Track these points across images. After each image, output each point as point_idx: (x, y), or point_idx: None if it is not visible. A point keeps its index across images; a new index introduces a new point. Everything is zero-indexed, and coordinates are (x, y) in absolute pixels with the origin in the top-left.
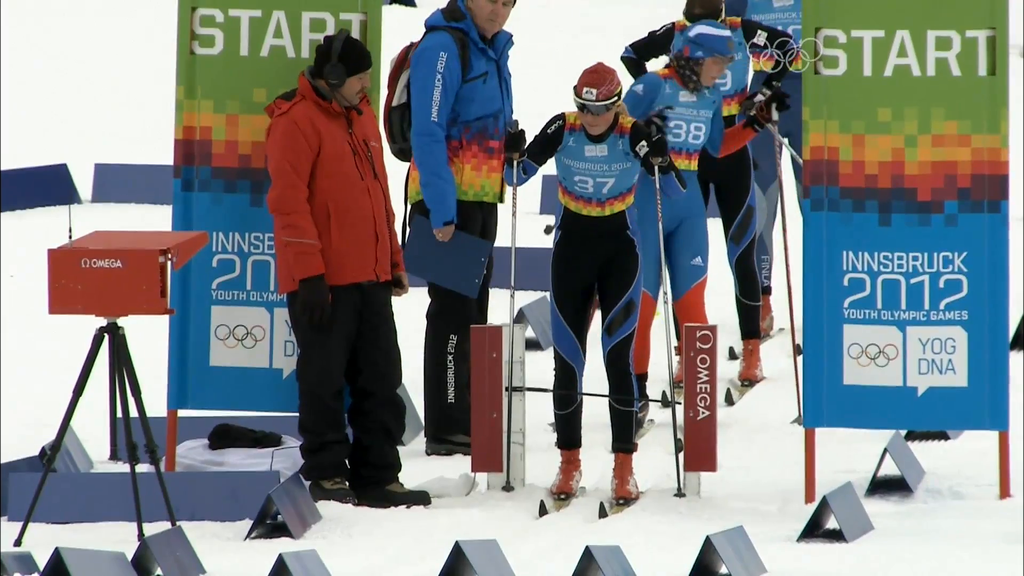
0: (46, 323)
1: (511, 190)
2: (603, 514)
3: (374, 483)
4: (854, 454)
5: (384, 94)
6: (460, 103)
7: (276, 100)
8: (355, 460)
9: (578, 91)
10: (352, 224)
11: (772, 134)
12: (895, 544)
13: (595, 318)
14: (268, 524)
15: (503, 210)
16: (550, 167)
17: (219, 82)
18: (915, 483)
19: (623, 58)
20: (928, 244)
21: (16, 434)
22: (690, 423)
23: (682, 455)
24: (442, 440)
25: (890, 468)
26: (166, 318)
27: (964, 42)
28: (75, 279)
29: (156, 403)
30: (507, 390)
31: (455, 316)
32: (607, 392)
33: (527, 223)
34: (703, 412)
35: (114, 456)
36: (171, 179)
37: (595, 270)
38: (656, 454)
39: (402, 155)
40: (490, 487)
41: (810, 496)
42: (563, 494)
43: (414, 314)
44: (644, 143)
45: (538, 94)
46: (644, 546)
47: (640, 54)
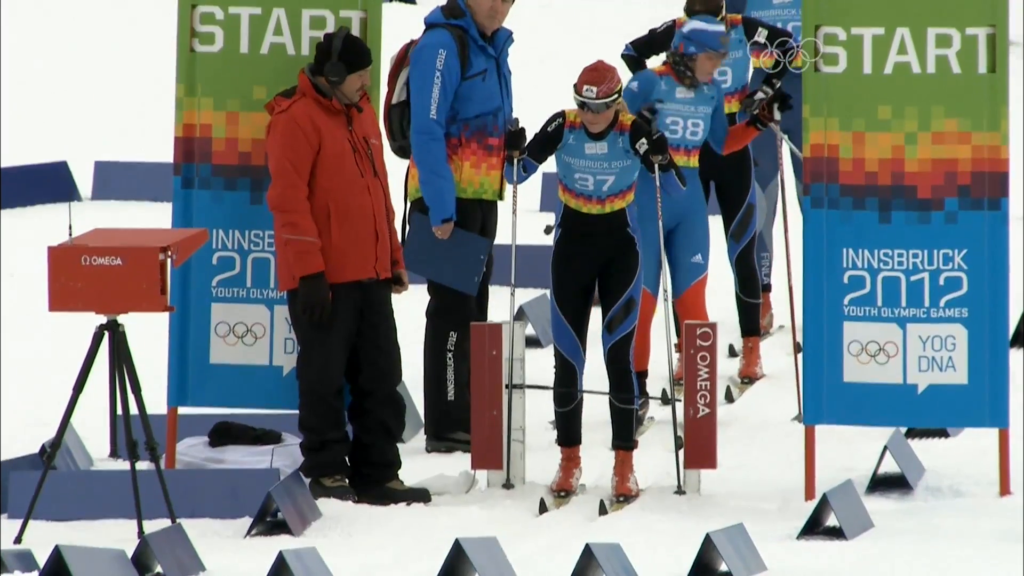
0: (46, 321)
1: (511, 188)
2: (603, 511)
3: (374, 481)
4: (854, 452)
5: (384, 91)
6: (459, 101)
7: (276, 97)
8: (355, 458)
9: (578, 89)
10: (352, 222)
11: (773, 132)
12: (895, 542)
13: (595, 316)
14: (268, 522)
15: (503, 208)
16: (550, 165)
17: (219, 79)
18: (915, 481)
19: (624, 56)
20: (928, 241)
21: (16, 432)
22: (690, 421)
23: (682, 453)
24: (442, 438)
25: (890, 466)
26: (166, 315)
27: (964, 39)
28: (75, 277)
29: (156, 400)
30: (507, 388)
31: (455, 314)
32: (607, 390)
33: (527, 220)
34: (703, 410)
35: (114, 454)
36: (171, 177)
37: (595, 268)
38: (656, 452)
39: (402, 153)
40: (490, 485)
41: (810, 494)
42: (563, 492)
43: (414, 312)
44: (644, 140)
45: (542, 93)
46: (644, 544)
47: (641, 52)
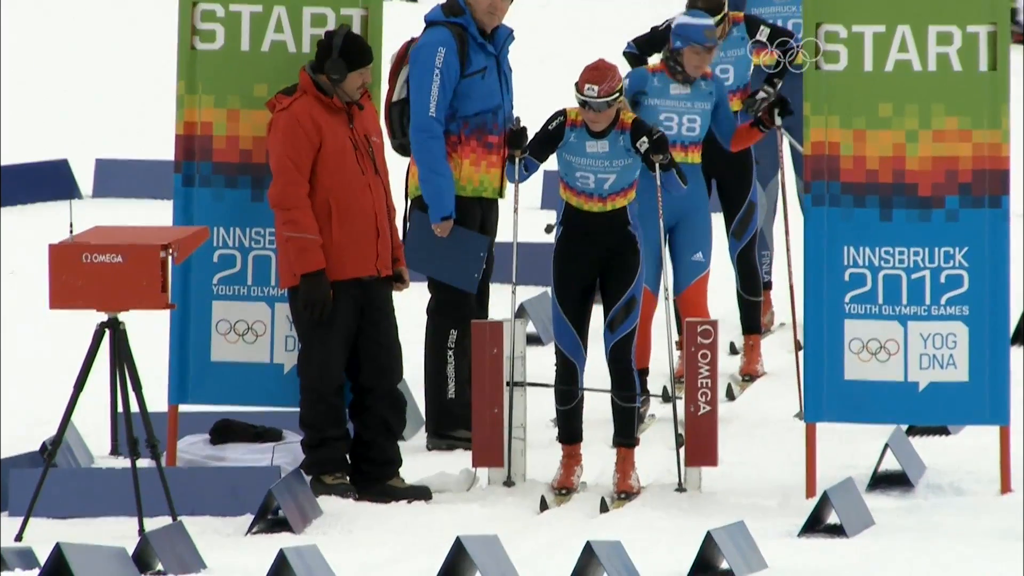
0: (47, 318)
1: (511, 186)
2: (604, 509)
3: (375, 478)
4: (855, 449)
5: (385, 89)
6: (459, 98)
7: (277, 95)
8: (356, 455)
9: (580, 88)
10: (353, 219)
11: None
12: (896, 539)
13: (596, 313)
14: (269, 519)
15: (503, 205)
16: (552, 163)
17: (220, 77)
18: (916, 478)
19: (625, 53)
20: (929, 239)
21: (17, 429)
22: (691, 418)
23: (683, 450)
24: (443, 435)
25: (891, 463)
26: (167, 313)
27: (965, 37)
28: (76, 274)
29: (157, 398)
30: (508, 385)
31: (455, 311)
32: (608, 388)
33: (528, 218)
34: (704, 407)
35: (115, 451)
36: (172, 174)
37: (597, 266)
38: (657, 449)
39: (402, 150)
40: (491, 482)
41: (811, 491)
42: (564, 489)
43: (414, 309)
44: (645, 139)
45: (542, 93)
46: (645, 542)
47: (642, 49)
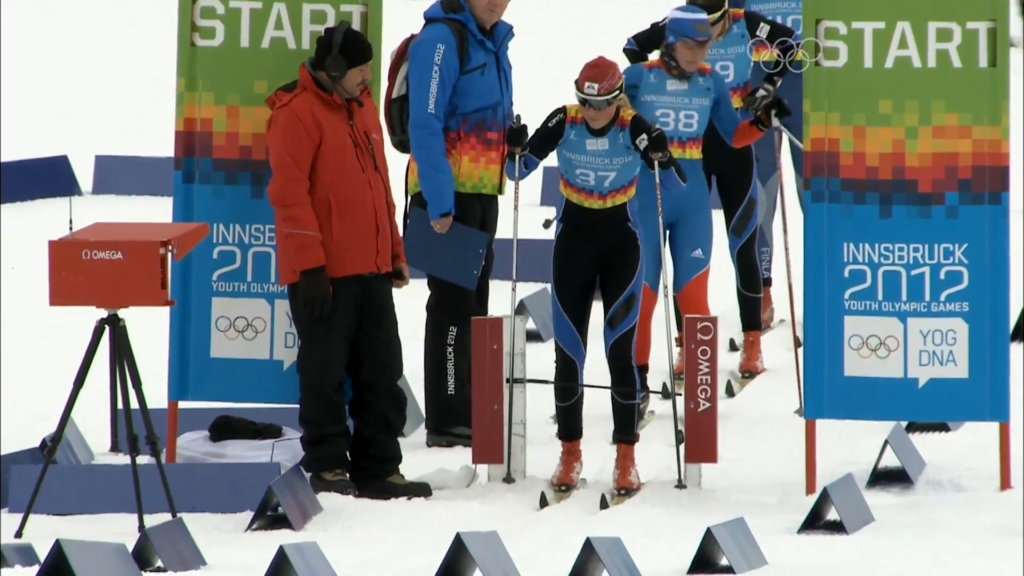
0: (47, 315)
1: (511, 183)
2: (604, 505)
3: (375, 475)
4: (855, 446)
5: (385, 86)
6: (458, 95)
7: (277, 92)
8: (356, 452)
9: (580, 86)
10: (353, 216)
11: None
12: (896, 536)
13: (596, 309)
14: (269, 516)
15: (503, 202)
16: (551, 159)
17: (220, 74)
18: (916, 475)
19: (625, 50)
20: (929, 236)
21: (17, 425)
22: (691, 415)
23: (683, 447)
24: (443, 432)
25: (891, 460)
26: (167, 310)
27: (965, 34)
28: (76, 271)
29: (157, 395)
30: (508, 382)
31: (454, 308)
32: (608, 384)
33: (528, 214)
34: (704, 404)
35: (115, 448)
36: (172, 171)
37: (597, 263)
38: (657, 446)
39: (402, 147)
40: (491, 479)
41: (811, 488)
42: (564, 486)
43: (414, 306)
44: (644, 137)
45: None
46: (645, 538)
47: (642, 45)
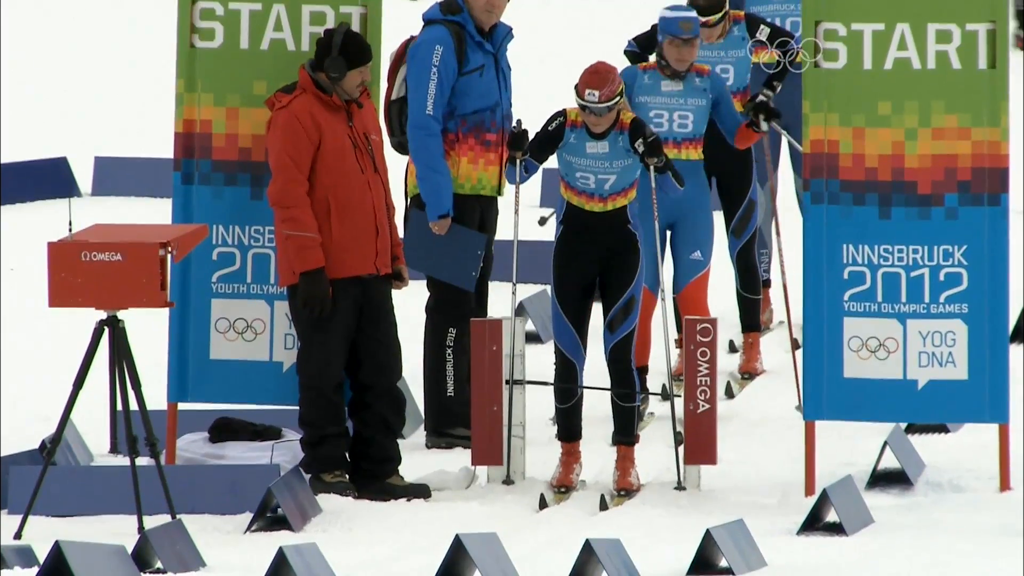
0: (46, 316)
1: (511, 186)
2: (604, 506)
3: (374, 476)
4: (854, 447)
5: (384, 87)
6: (456, 96)
7: (276, 93)
8: (355, 453)
9: (580, 92)
10: (352, 217)
11: (774, 128)
12: (895, 537)
13: (596, 310)
14: (268, 517)
15: (502, 203)
16: (551, 160)
17: (219, 75)
18: (915, 476)
19: (626, 52)
20: (928, 237)
21: (16, 427)
22: (690, 416)
23: (682, 448)
24: (442, 434)
25: (890, 461)
26: (166, 311)
27: (964, 35)
28: (75, 272)
29: (156, 396)
30: (507, 383)
31: (453, 309)
32: (608, 386)
33: (527, 216)
34: (703, 405)
35: (114, 449)
36: (171, 172)
37: (597, 265)
38: (657, 448)
39: (401, 148)
40: (490, 480)
41: (810, 489)
42: (563, 487)
43: (413, 307)
44: (641, 142)
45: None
46: (644, 540)
47: (643, 47)
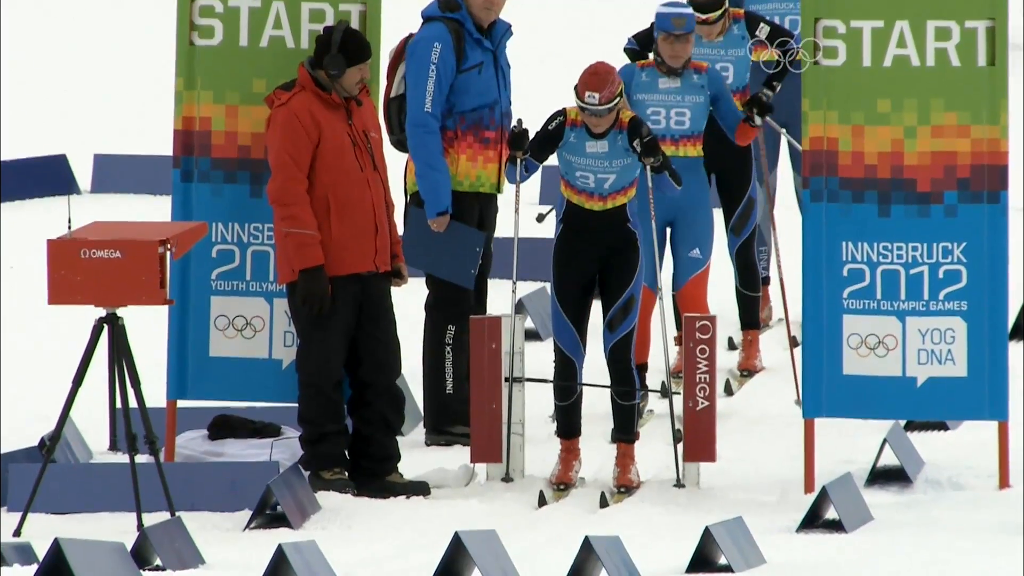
0: (45, 314)
1: (512, 186)
2: (604, 503)
3: (373, 474)
4: (853, 445)
5: (384, 85)
6: (455, 94)
7: (275, 91)
8: (354, 451)
9: (580, 94)
10: (352, 215)
11: (771, 126)
12: (894, 534)
13: (596, 307)
14: (267, 515)
15: (502, 201)
16: (550, 158)
17: (218, 73)
18: (914, 474)
19: (626, 49)
20: (927, 235)
21: (16, 425)
22: (689, 413)
23: (681, 446)
24: (441, 431)
25: (889, 459)
26: (165, 309)
27: (963, 33)
28: (74, 270)
29: (155, 394)
30: (507, 381)
31: (452, 307)
32: (607, 383)
33: (526, 213)
34: (702, 402)
35: (113, 447)
36: (170, 170)
37: (596, 263)
38: (656, 445)
39: (400, 146)
40: (489, 478)
41: (809, 486)
42: (562, 484)
43: (413, 305)
44: (637, 142)
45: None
46: (643, 537)
47: (643, 45)
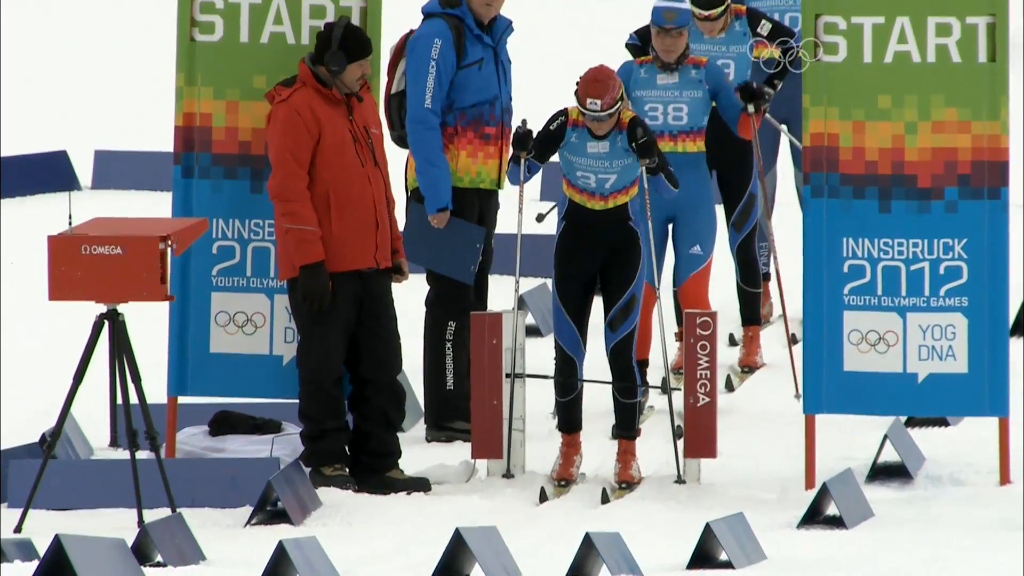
0: (46, 310)
1: (515, 187)
2: (605, 500)
3: (374, 470)
4: (854, 441)
5: (384, 81)
6: (455, 90)
7: (276, 87)
8: (355, 447)
9: (581, 101)
10: (352, 211)
11: (771, 124)
12: (895, 531)
13: (597, 304)
14: (268, 511)
15: (504, 198)
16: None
17: (219, 69)
18: (915, 470)
19: (627, 45)
20: (928, 231)
21: (16, 421)
22: (690, 409)
23: (682, 442)
24: (442, 427)
25: (890, 455)
26: (166, 305)
27: (964, 28)
28: (75, 266)
29: (156, 390)
30: (507, 377)
31: (453, 303)
32: (608, 379)
33: (528, 209)
34: (703, 399)
35: (114, 443)
36: (171, 166)
37: (598, 261)
38: (657, 441)
39: (401, 142)
40: (490, 474)
41: (810, 483)
42: (563, 480)
43: (413, 301)
44: (634, 144)
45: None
46: (644, 533)
47: (644, 40)
